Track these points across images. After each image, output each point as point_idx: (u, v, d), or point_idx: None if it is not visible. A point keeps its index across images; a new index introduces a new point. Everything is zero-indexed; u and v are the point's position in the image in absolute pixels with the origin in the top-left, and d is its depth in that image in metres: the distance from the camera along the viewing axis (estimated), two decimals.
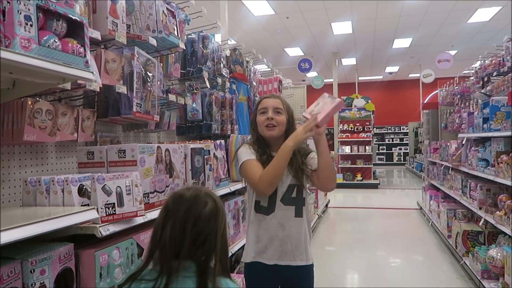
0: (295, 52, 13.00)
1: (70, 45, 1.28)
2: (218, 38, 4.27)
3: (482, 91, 5.02)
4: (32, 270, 1.16)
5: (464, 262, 4.11)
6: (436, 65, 11.64)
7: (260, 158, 1.87)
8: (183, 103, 2.78)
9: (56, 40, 1.23)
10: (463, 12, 9.46)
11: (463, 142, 4.70)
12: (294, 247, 1.86)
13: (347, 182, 11.21)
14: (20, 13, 1.08)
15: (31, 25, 1.13)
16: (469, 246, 4.18)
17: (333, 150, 12.61)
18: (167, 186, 1.90)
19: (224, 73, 3.40)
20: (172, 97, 2.55)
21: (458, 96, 6.39)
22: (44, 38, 1.19)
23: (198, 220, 1.17)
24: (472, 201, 4.22)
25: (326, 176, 1.85)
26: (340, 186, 10.73)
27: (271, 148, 1.91)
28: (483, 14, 9.63)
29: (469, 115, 4.73)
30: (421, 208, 7.55)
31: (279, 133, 1.89)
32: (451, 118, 6.51)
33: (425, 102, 11.48)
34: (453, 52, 12.68)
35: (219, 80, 3.41)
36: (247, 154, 1.87)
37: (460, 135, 4.94)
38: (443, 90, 7.43)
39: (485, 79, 5.19)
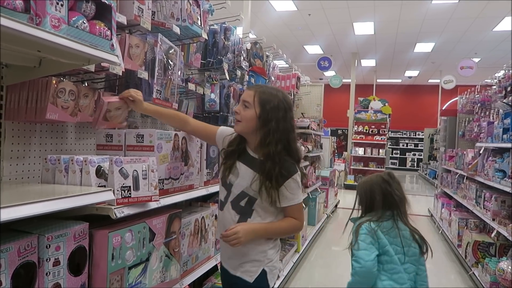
0: (314, 50, 12.91)
1: (97, 27, 1.30)
2: (239, 30, 4.26)
3: (504, 101, 4.91)
4: (48, 246, 1.19)
5: (473, 272, 4.06)
6: (458, 71, 11.42)
7: (228, 149, 1.74)
8: (202, 93, 2.79)
9: (84, 21, 1.24)
10: (490, 19, 9.25)
11: (481, 152, 4.62)
12: (232, 255, 1.72)
13: None
14: None
15: (61, 5, 1.14)
16: (479, 257, 4.12)
17: (346, 151, 12.52)
18: (181, 174, 1.91)
19: (243, 66, 3.40)
20: (191, 86, 2.57)
21: (479, 104, 6.25)
22: (73, 19, 1.21)
23: None
24: (485, 211, 4.15)
25: None
26: (351, 187, 10.67)
27: (248, 143, 1.73)
28: (510, 23, 9.40)
29: (489, 125, 4.64)
30: (431, 216, 7.46)
31: (243, 129, 1.68)
32: (469, 126, 6.39)
33: (443, 108, 11.28)
34: (476, 60, 12.43)
35: (238, 73, 3.41)
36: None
37: (478, 144, 4.85)
38: (463, 98, 7.28)
39: (508, 89, 5.07)
